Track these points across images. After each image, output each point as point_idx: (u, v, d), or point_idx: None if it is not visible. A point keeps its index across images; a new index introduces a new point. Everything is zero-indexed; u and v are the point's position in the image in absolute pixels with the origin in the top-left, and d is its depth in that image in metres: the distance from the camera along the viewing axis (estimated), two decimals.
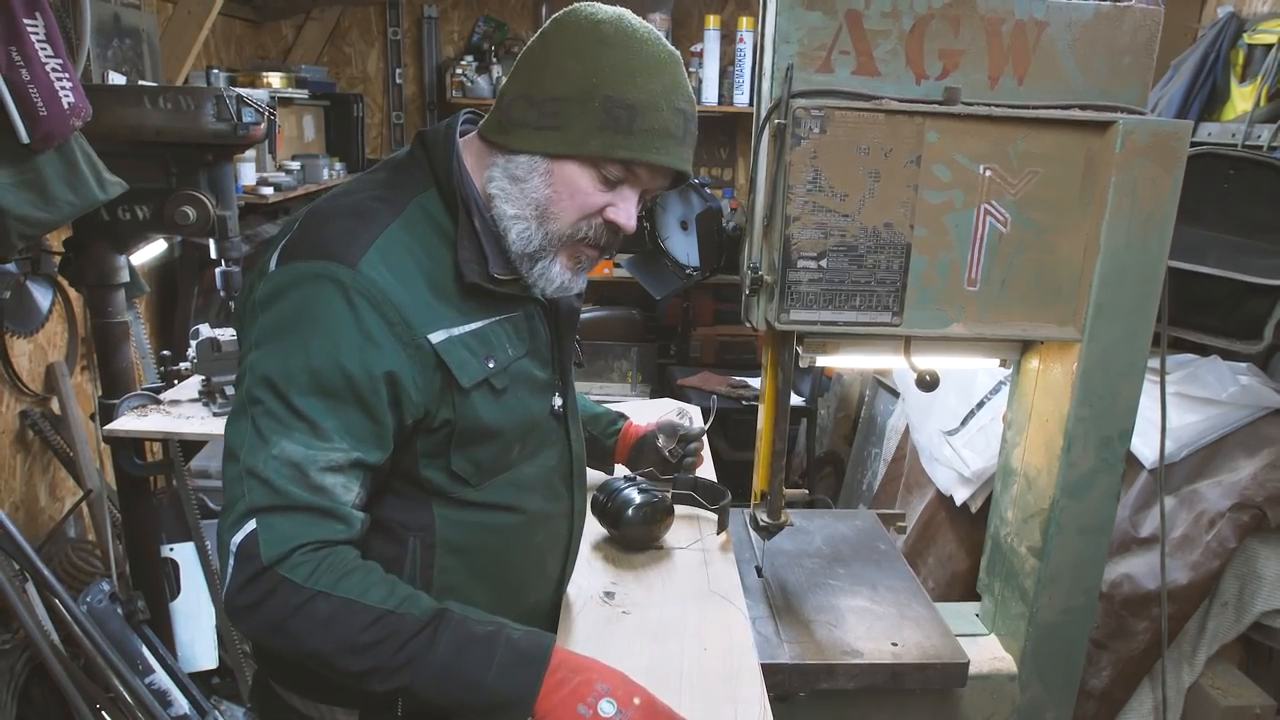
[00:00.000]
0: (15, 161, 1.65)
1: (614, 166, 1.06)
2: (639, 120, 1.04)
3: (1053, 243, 1.22)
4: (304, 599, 0.95)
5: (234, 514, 0.97)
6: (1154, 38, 1.22)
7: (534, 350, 1.18)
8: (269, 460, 0.96)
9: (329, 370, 0.98)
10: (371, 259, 1.01)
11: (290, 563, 0.95)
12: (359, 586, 0.97)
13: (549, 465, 1.24)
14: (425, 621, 0.96)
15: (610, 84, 1.04)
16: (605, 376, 4.38)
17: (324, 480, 0.98)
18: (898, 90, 1.20)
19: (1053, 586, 1.33)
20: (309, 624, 0.95)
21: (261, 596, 0.95)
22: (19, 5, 1.56)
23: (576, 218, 1.08)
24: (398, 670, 0.95)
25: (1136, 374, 1.25)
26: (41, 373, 2.62)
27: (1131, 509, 1.62)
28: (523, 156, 1.07)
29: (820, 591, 1.40)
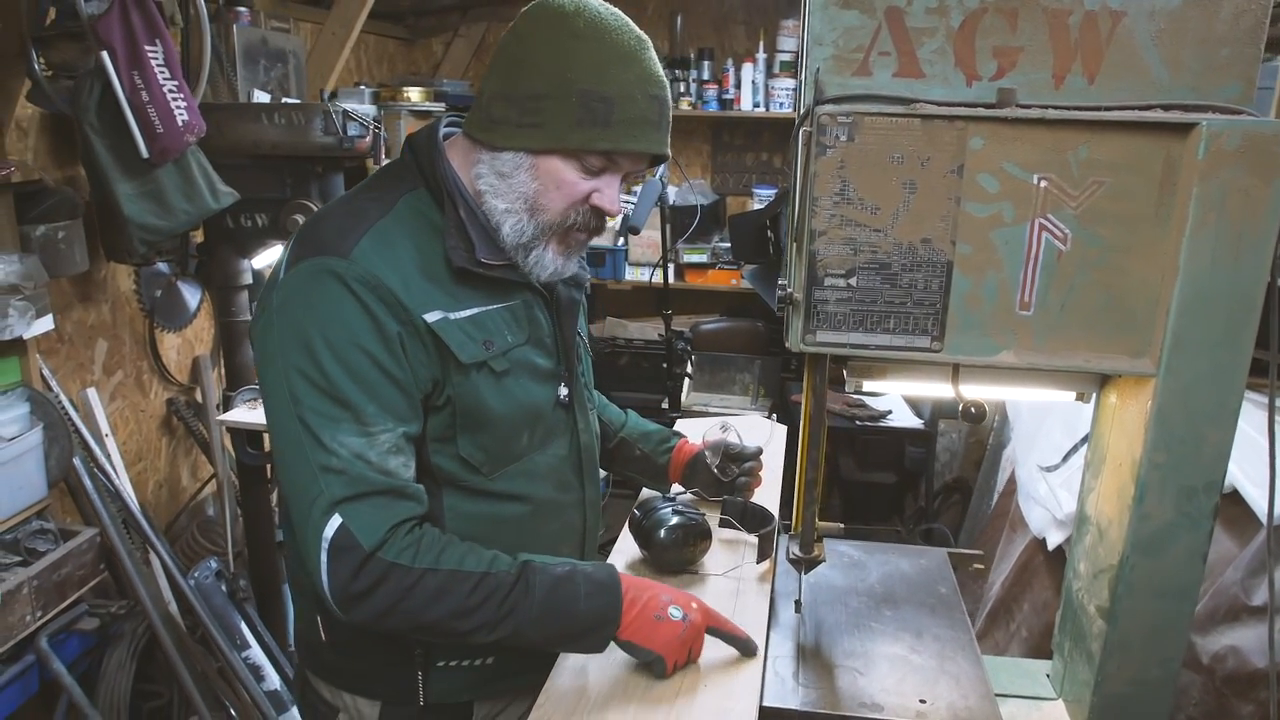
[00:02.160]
0: (137, 174, 1.83)
1: (595, 157, 1.10)
2: (616, 112, 1.08)
3: (1123, 263, 1.07)
4: (415, 578, 1.04)
5: (316, 510, 1.04)
6: (1260, 25, 1.05)
7: (535, 339, 1.21)
8: (333, 454, 1.04)
9: (353, 355, 1.05)
10: (363, 247, 1.07)
11: (391, 547, 1.04)
12: (456, 557, 1.07)
13: (559, 455, 1.26)
14: (517, 575, 1.08)
15: (585, 78, 1.07)
16: (727, 389, 4.31)
17: (388, 463, 1.06)
18: (946, 93, 1.09)
19: (1122, 654, 1.16)
20: (424, 599, 1.05)
21: (374, 583, 1.03)
22: (141, 31, 1.72)
23: (564, 207, 1.12)
24: (503, 619, 1.06)
25: (1227, 417, 1.07)
26: (188, 364, 2.89)
27: (1245, 571, 1.39)
28: (507, 153, 1.11)
29: (857, 634, 1.30)
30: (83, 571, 1.97)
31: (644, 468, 1.62)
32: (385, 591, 1.03)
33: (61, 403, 2.08)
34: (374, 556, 1.03)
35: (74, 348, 2.39)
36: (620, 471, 1.68)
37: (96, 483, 2.05)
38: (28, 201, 1.97)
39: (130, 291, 2.58)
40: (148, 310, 2.60)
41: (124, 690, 2.13)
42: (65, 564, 1.92)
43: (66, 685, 1.92)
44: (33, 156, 2.17)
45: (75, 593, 1.96)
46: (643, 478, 1.64)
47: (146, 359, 2.69)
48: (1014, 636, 1.84)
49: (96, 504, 2.02)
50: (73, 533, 1.99)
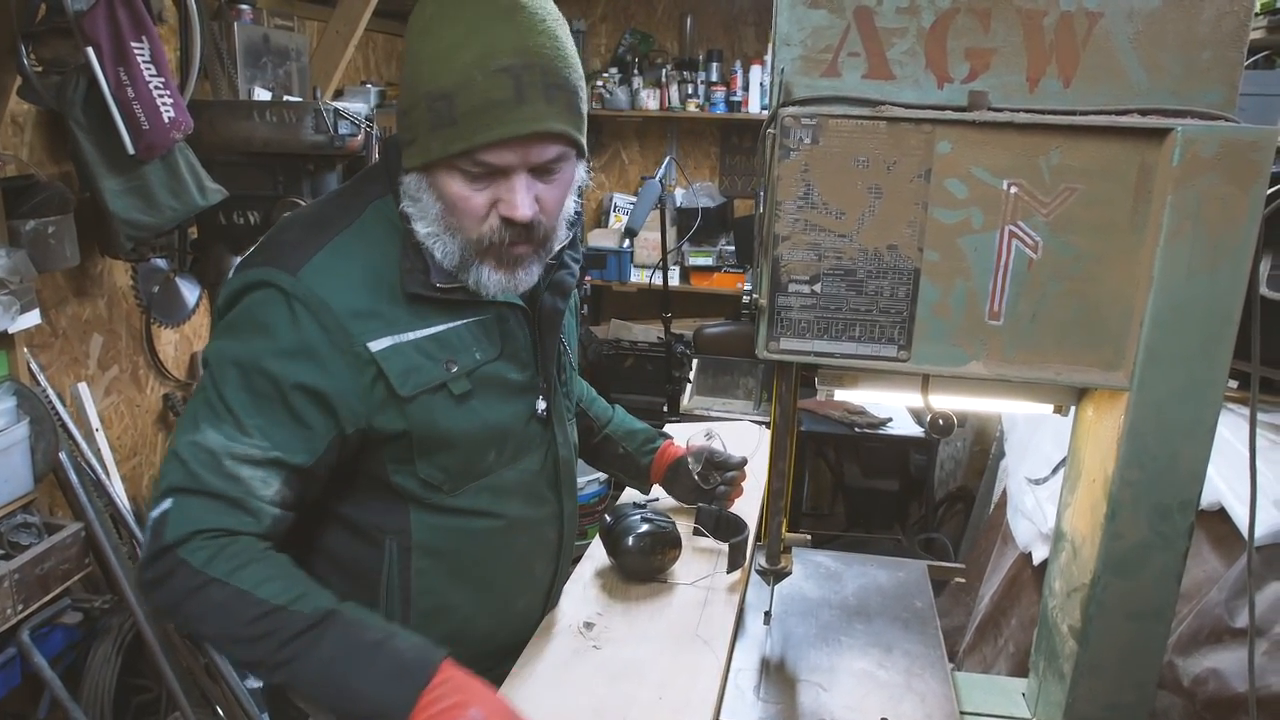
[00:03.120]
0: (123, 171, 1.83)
1: (467, 162, 1.00)
2: (456, 106, 0.97)
3: (1096, 273, 1.03)
4: (199, 583, 0.96)
5: (157, 491, 1.02)
6: (1243, 27, 1.01)
7: (509, 353, 1.15)
8: (190, 444, 1.00)
9: (257, 372, 1.01)
10: (314, 265, 1.03)
11: (190, 545, 0.97)
12: (255, 578, 0.97)
13: (531, 470, 1.21)
14: (313, 621, 0.96)
15: (427, 79, 0.99)
16: (729, 393, 4.27)
17: (238, 470, 1.00)
18: (917, 95, 1.06)
19: (1093, 676, 1.13)
20: (201, 609, 0.97)
21: (163, 575, 0.98)
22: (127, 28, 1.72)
23: (473, 225, 1.05)
24: (280, 666, 0.95)
25: (1202, 433, 1.04)
26: (186, 360, 2.90)
27: (1229, 592, 1.34)
28: (409, 176, 1.06)
29: (825, 648, 1.27)
30: (66, 565, 1.97)
31: (626, 467, 1.59)
32: (170, 587, 0.97)
33: (49, 397, 2.09)
34: (170, 550, 0.97)
35: (68, 342, 2.40)
36: (603, 468, 1.66)
37: (83, 477, 2.06)
38: (18, 196, 1.98)
39: (127, 287, 2.59)
40: (145, 305, 2.61)
41: (108, 684, 2.13)
42: (48, 558, 1.92)
43: (47, 679, 1.92)
44: (28, 152, 2.18)
45: (59, 587, 1.97)
46: (624, 476, 1.62)
47: (143, 354, 2.70)
48: (1001, 652, 1.80)
49: (81, 498, 2.02)
50: (57, 527, 1.99)
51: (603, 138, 4.63)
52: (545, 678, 1.14)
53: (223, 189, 2.04)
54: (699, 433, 1.57)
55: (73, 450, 2.12)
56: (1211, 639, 1.34)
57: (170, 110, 1.83)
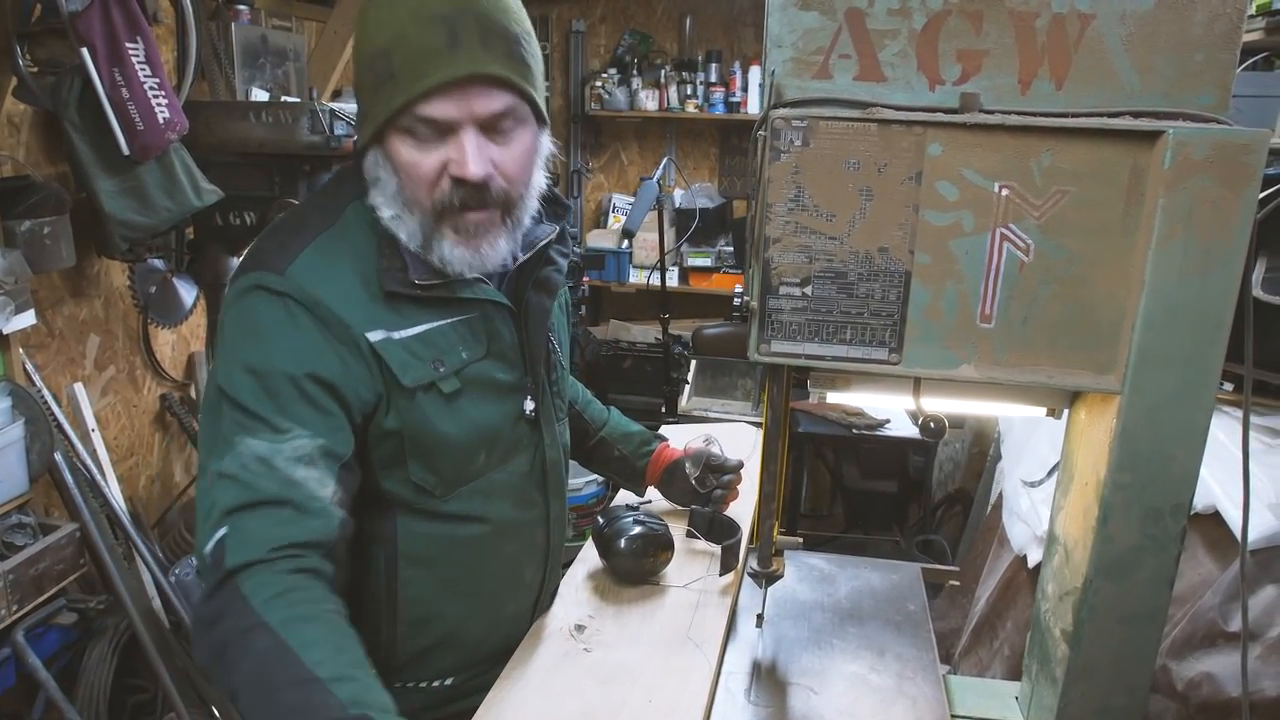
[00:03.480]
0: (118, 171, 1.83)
1: (409, 121, 0.99)
2: (394, 59, 0.97)
3: (1088, 276, 1.03)
4: (250, 624, 0.85)
5: (208, 523, 0.92)
6: (1236, 29, 1.00)
7: (496, 352, 1.14)
8: (234, 459, 0.94)
9: (272, 374, 0.98)
10: (300, 264, 1.02)
11: (254, 577, 0.87)
12: (307, 637, 0.85)
13: (520, 472, 1.20)
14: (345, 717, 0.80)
15: (367, 41, 1.00)
16: (728, 394, 4.27)
17: (294, 473, 0.93)
18: (909, 97, 1.06)
19: (1086, 680, 1.12)
20: (242, 654, 0.84)
21: (218, 613, 0.87)
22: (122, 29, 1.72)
23: (425, 192, 1.03)
24: None
25: (1195, 436, 1.03)
26: (183, 361, 2.90)
27: (1224, 595, 1.34)
28: (368, 157, 1.06)
29: (817, 651, 1.27)
30: (61, 566, 1.97)
31: (621, 469, 1.59)
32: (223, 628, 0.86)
33: (44, 397, 2.09)
34: (229, 579, 0.86)
35: (65, 342, 2.40)
36: (598, 471, 1.65)
37: (78, 478, 2.06)
38: (14, 197, 1.98)
39: (124, 287, 2.59)
40: (142, 306, 2.61)
41: (104, 684, 2.13)
42: (43, 558, 1.92)
43: (41, 679, 1.92)
44: (24, 152, 2.19)
45: (53, 587, 1.97)
46: (619, 478, 1.62)
47: (140, 354, 2.70)
48: (997, 654, 1.80)
49: (76, 499, 2.02)
50: (52, 527, 1.99)
51: (602, 138, 4.63)
52: (534, 681, 1.14)
53: (218, 190, 2.04)
54: (698, 436, 1.56)
55: (68, 451, 2.13)
56: (1205, 643, 1.34)
57: (165, 111, 1.83)
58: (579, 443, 1.55)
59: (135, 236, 1.97)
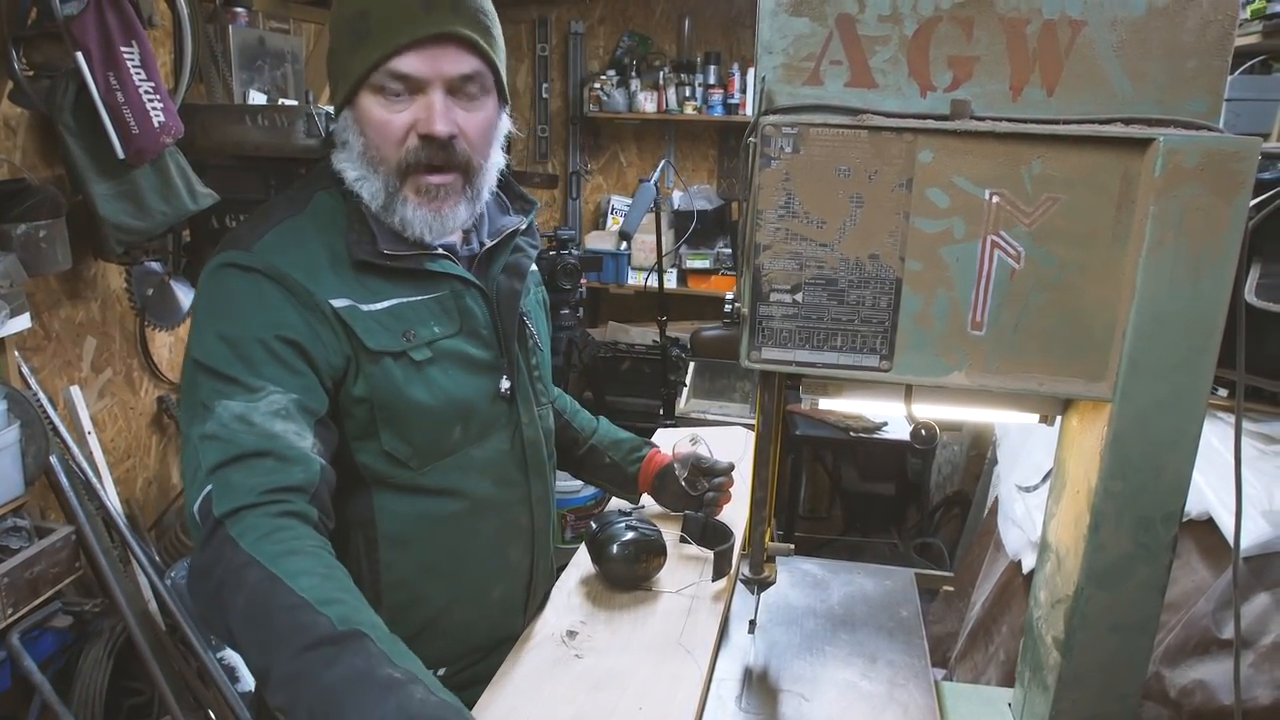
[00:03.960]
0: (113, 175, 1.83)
1: (383, 77, 1.05)
2: (371, 18, 1.04)
3: (1079, 284, 1.03)
4: (242, 562, 0.87)
5: (194, 484, 0.96)
6: (1227, 36, 1.00)
7: (468, 330, 1.18)
8: (215, 420, 0.98)
9: (243, 340, 1.02)
10: (266, 241, 1.07)
11: (242, 520, 0.90)
12: (295, 568, 0.87)
13: (500, 449, 1.22)
14: (336, 635, 0.83)
15: (345, 6, 1.06)
16: (726, 396, 4.27)
17: (273, 426, 0.97)
18: (900, 104, 1.06)
19: (1077, 688, 1.12)
20: (236, 592, 0.86)
21: (212, 561, 0.89)
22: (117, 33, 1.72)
23: (393, 148, 1.08)
24: (286, 683, 0.82)
25: (1186, 444, 1.03)
26: (180, 363, 2.89)
27: (1217, 603, 1.33)
28: (340, 120, 1.11)
29: (809, 657, 1.26)
30: (56, 569, 1.97)
31: (613, 476, 1.59)
32: (218, 573, 0.88)
33: (40, 400, 2.09)
34: (219, 527, 0.89)
35: (61, 345, 2.40)
36: (589, 480, 1.65)
37: (74, 481, 2.06)
38: (10, 200, 1.98)
39: (121, 289, 2.59)
40: (139, 308, 2.61)
41: (99, 687, 2.13)
42: (38, 561, 1.92)
43: (36, 682, 1.92)
44: (20, 155, 2.19)
45: (49, 590, 1.97)
46: (612, 487, 1.62)
47: (137, 357, 2.70)
48: (992, 659, 1.80)
49: (72, 502, 2.02)
50: (48, 530, 1.99)
51: (600, 140, 4.63)
52: (525, 688, 1.13)
53: (214, 193, 2.05)
54: (684, 439, 1.56)
55: (64, 454, 2.13)
56: (1199, 650, 1.34)
57: (160, 115, 1.84)
58: (569, 452, 1.56)
59: (130, 240, 1.97)
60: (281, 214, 1.12)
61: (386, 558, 1.14)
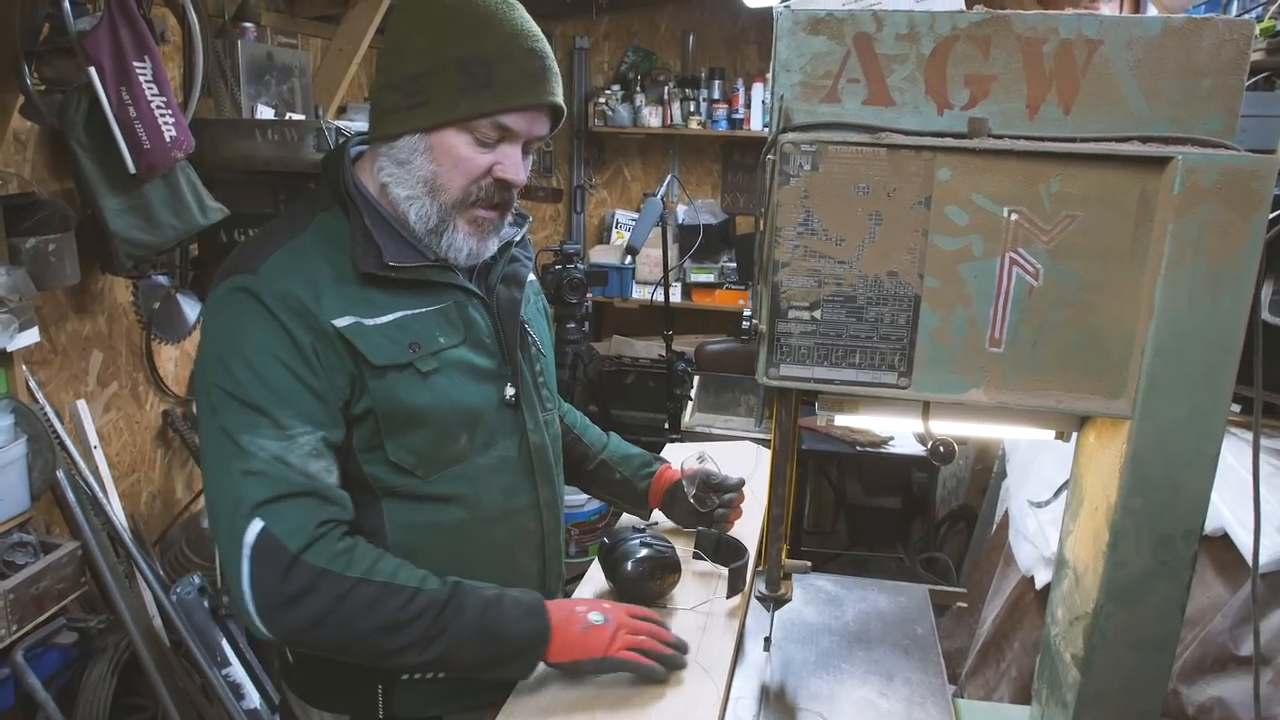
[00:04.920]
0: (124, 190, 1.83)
1: (486, 125, 1.11)
2: (496, 73, 1.09)
3: (1097, 301, 1.03)
4: (349, 587, 1.03)
5: (238, 516, 1.03)
6: (1243, 55, 1.01)
7: (473, 339, 1.21)
8: (253, 457, 1.03)
9: (265, 364, 1.05)
10: (272, 262, 1.10)
11: (322, 550, 1.03)
12: (389, 570, 1.06)
13: (506, 457, 1.24)
14: (449, 594, 1.08)
15: (459, 46, 1.09)
16: (731, 410, 4.27)
17: (309, 466, 1.05)
18: (917, 122, 1.06)
19: (1097, 706, 1.11)
20: (356, 610, 1.03)
21: (302, 589, 1.01)
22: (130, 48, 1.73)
23: (465, 184, 1.13)
24: (435, 639, 1.06)
25: (1205, 462, 1.03)
26: (186, 377, 2.89)
27: (1233, 619, 1.33)
28: (402, 140, 1.12)
29: (826, 675, 1.26)
30: (62, 585, 1.96)
31: (623, 492, 1.59)
32: (315, 598, 1.02)
33: (46, 414, 2.09)
34: (300, 559, 1.01)
35: (67, 359, 2.39)
36: (600, 495, 1.65)
37: (80, 496, 2.05)
38: (19, 214, 1.99)
39: (128, 303, 2.59)
40: (145, 322, 2.61)
41: (103, 704, 2.12)
42: (43, 577, 1.91)
43: (40, 700, 1.91)
44: (30, 169, 2.19)
45: (54, 606, 1.96)
46: (622, 502, 1.62)
47: (143, 370, 2.70)
48: (1004, 676, 1.79)
49: (78, 517, 2.01)
50: (54, 545, 1.99)
51: (605, 154, 4.64)
52: (541, 707, 1.13)
53: (224, 208, 2.05)
54: (691, 455, 1.56)
55: (70, 468, 2.12)
56: (1216, 667, 1.33)
57: (172, 130, 1.84)
58: (578, 467, 1.56)
59: (140, 254, 1.97)
60: (285, 236, 1.14)
61: None
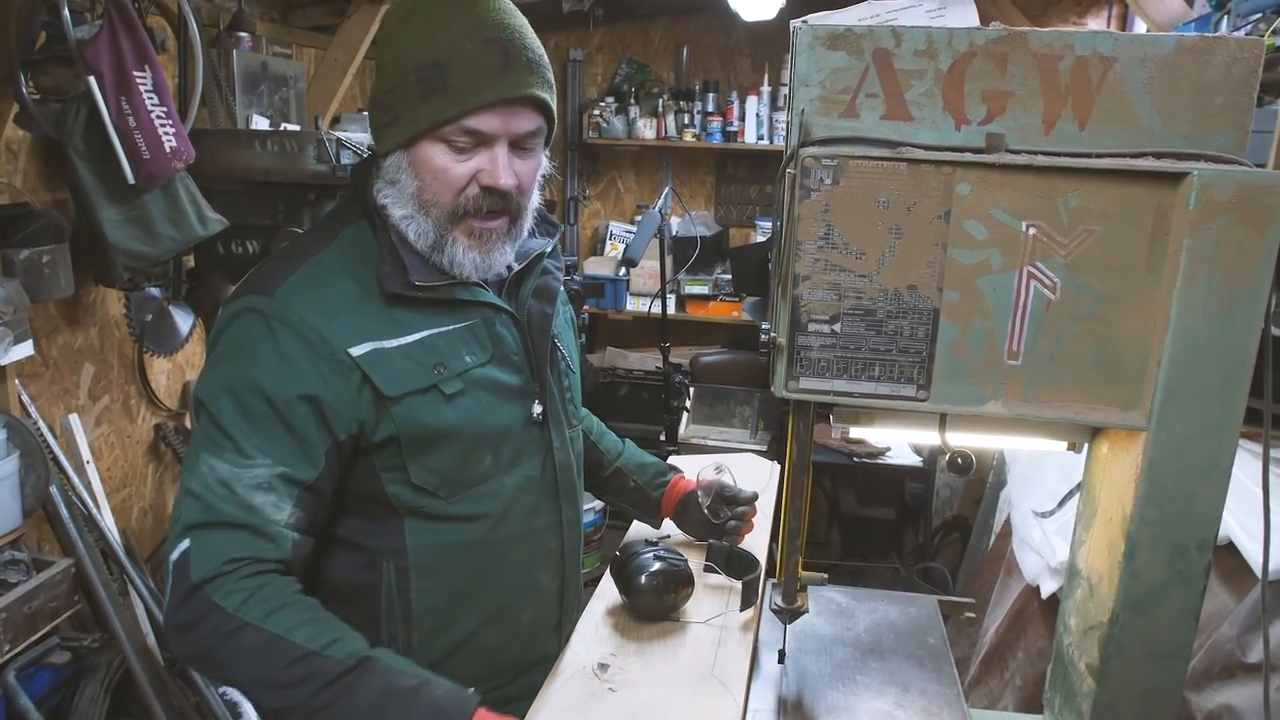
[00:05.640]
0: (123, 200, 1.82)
1: (454, 131, 1.06)
2: (448, 74, 1.04)
3: (1113, 314, 1.04)
4: (233, 628, 0.96)
5: (174, 531, 1.01)
6: (1253, 73, 1.03)
7: (500, 357, 1.18)
8: (201, 478, 1.01)
9: (248, 392, 1.03)
10: (289, 286, 1.07)
11: (220, 586, 0.97)
12: (288, 622, 0.98)
13: (530, 476, 1.22)
14: (349, 667, 0.96)
15: (414, 53, 1.05)
16: (726, 422, 4.27)
17: (253, 498, 1.01)
18: (935, 137, 1.07)
19: (1113, 715, 1.12)
20: (235, 654, 0.96)
21: (193, 620, 0.97)
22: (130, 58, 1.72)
23: (450, 196, 1.09)
24: (315, 713, 0.95)
25: (1219, 473, 1.04)
26: (178, 390, 2.86)
27: (1241, 627, 1.34)
28: (389, 159, 1.10)
29: (842, 687, 1.26)
30: (55, 604, 1.93)
31: (637, 500, 1.59)
32: (202, 633, 0.97)
33: (40, 429, 2.05)
34: (199, 590, 0.97)
35: (59, 372, 2.36)
36: (613, 502, 1.65)
37: (73, 512, 2.02)
38: (12, 224, 1.96)
39: (120, 315, 2.56)
40: (137, 335, 2.58)
41: None
42: (36, 596, 1.88)
43: None
44: (22, 179, 2.16)
45: (47, 625, 1.92)
46: (635, 510, 1.62)
47: (135, 384, 2.66)
48: (1008, 685, 1.80)
49: (72, 534, 1.98)
50: (46, 563, 1.95)
51: (599, 166, 4.65)
52: (567, 709, 1.12)
53: (223, 219, 2.03)
54: (709, 466, 1.56)
55: (63, 484, 2.09)
56: (1224, 674, 1.34)
57: (172, 140, 1.83)
58: (594, 474, 1.55)
59: (138, 266, 1.95)
60: (308, 253, 1.11)
61: (419, 586, 1.14)
